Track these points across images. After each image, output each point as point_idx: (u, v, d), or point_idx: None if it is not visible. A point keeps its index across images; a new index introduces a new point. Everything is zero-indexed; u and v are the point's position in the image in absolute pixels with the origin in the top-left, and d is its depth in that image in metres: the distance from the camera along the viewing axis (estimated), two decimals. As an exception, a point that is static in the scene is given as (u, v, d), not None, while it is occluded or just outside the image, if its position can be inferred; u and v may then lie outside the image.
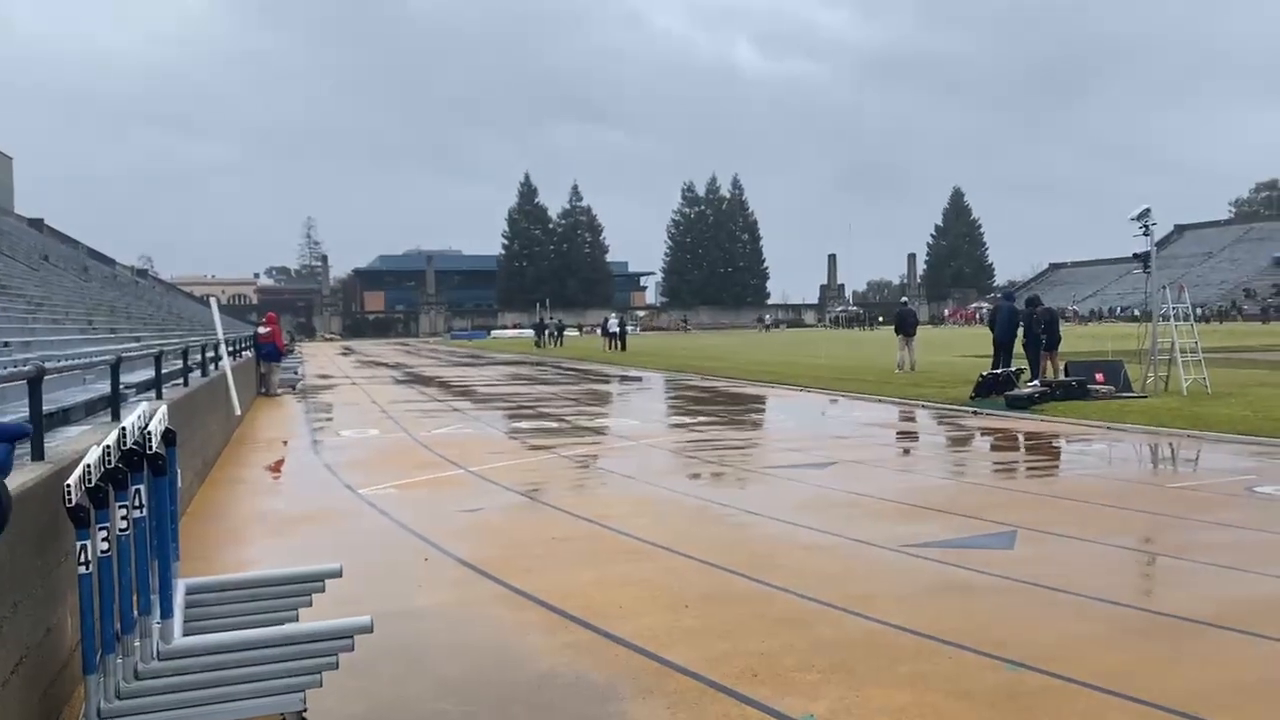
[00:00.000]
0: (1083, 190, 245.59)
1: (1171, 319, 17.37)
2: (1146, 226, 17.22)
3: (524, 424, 15.92)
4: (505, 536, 7.55)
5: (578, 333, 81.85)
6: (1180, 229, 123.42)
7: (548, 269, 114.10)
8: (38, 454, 4.52)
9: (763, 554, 6.77)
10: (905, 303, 32.72)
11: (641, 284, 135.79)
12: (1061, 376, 17.39)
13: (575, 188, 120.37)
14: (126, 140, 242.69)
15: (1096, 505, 8.33)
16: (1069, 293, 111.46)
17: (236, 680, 3.67)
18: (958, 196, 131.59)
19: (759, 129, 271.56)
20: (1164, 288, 17.97)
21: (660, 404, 20.75)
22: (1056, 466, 11.20)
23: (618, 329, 49.09)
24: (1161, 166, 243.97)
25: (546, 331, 60.34)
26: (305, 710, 3.73)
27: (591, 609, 5.48)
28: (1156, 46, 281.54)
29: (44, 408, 4.77)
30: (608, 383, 26.74)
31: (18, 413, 6.45)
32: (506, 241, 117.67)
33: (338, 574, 4.60)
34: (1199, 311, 38.47)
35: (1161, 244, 38.01)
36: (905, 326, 25.44)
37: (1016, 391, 16.26)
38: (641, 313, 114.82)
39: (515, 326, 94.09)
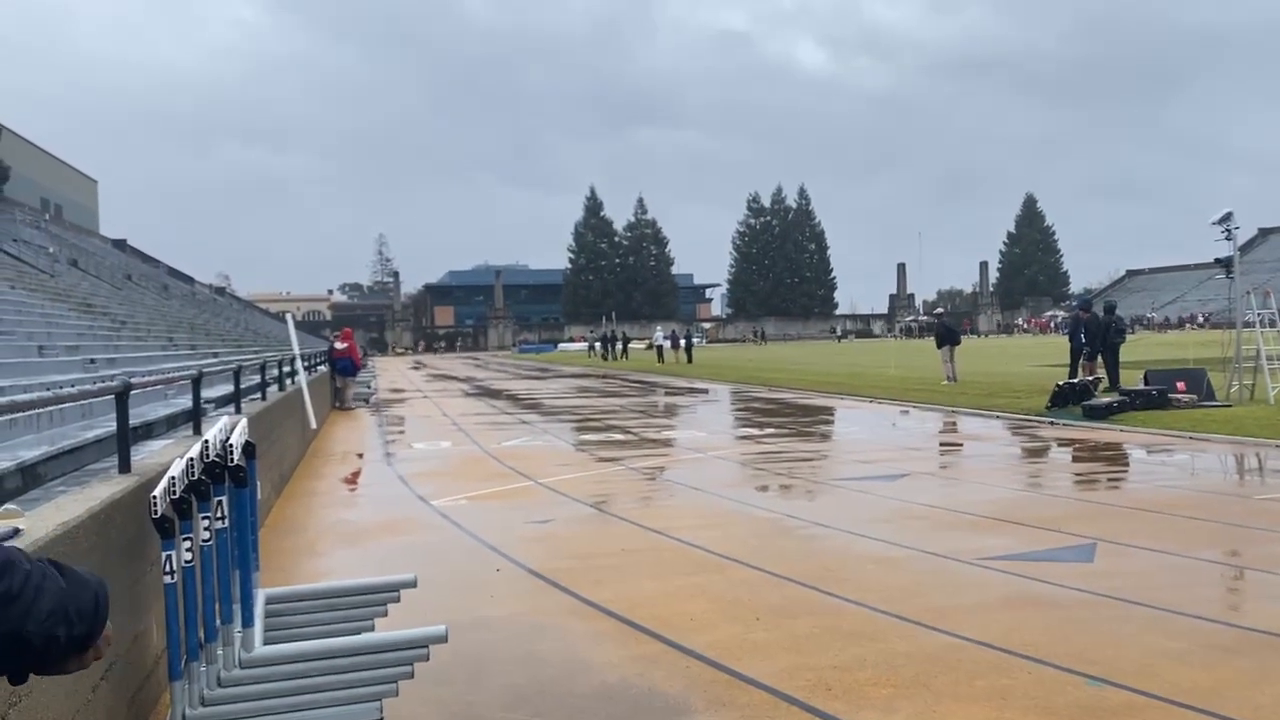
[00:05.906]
0: (1163, 192, 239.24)
1: (1256, 325, 16.83)
2: (1229, 230, 16.73)
3: (592, 436, 15.99)
4: (575, 548, 7.59)
5: (644, 346, 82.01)
6: (1264, 233, 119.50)
7: (613, 282, 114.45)
8: (124, 467, 4.66)
9: (833, 567, 6.70)
10: (941, 314, 32.20)
11: (707, 296, 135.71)
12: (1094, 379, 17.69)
13: (640, 200, 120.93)
14: (204, 158, 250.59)
15: (1179, 517, 8.09)
16: (1148, 300, 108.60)
17: (316, 689, 3.75)
18: (1030, 203, 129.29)
19: (828, 133, 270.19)
20: (1248, 293, 17.43)
21: (727, 416, 20.67)
22: (1137, 478, 10.89)
23: (665, 342, 49.28)
24: (1244, 166, 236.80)
25: (613, 344, 60.62)
26: (382, 719, 3.78)
27: (662, 620, 5.47)
28: (1247, 38, 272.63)
29: (129, 421, 4.92)
30: (674, 395, 26.73)
31: (105, 426, 6.67)
32: (572, 255, 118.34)
33: (413, 584, 4.66)
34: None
35: (1244, 248, 36.81)
36: (948, 338, 24.61)
37: (1094, 401, 15.89)
38: (707, 325, 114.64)
39: (582, 340, 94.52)
